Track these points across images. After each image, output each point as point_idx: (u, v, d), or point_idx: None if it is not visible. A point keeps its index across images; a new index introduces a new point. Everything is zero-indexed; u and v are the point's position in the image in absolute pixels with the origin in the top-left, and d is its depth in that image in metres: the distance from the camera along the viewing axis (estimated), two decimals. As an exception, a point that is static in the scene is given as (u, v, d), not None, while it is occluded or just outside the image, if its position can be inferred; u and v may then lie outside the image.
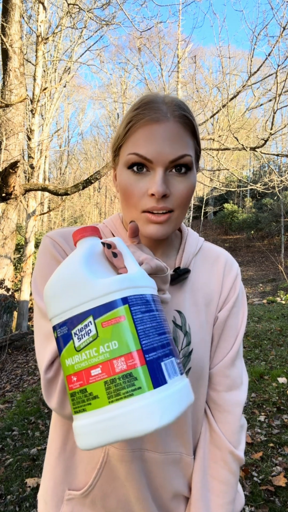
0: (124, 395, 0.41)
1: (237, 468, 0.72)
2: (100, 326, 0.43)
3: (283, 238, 20.99)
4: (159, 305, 0.49)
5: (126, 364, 0.42)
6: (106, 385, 0.42)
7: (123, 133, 0.66)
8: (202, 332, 0.73)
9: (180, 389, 0.45)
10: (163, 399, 0.42)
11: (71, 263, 0.48)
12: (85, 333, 0.44)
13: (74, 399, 0.45)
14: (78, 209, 23.04)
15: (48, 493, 0.72)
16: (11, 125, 6.15)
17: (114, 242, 0.52)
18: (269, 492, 2.21)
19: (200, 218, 27.18)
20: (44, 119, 10.12)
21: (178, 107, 0.64)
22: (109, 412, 0.42)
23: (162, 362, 0.44)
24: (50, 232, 0.70)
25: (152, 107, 0.63)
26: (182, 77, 11.51)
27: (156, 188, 0.61)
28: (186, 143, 0.64)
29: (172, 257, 0.77)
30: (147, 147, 0.62)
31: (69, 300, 0.46)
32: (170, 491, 0.71)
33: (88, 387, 0.43)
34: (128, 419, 0.41)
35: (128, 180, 0.65)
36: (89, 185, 6.22)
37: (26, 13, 8.79)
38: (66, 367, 0.46)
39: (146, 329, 0.44)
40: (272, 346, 5.21)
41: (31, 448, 2.89)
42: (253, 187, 7.37)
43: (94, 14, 7.18)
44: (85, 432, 0.44)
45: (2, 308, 5.89)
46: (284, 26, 5.39)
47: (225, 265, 0.78)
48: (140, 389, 0.41)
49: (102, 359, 0.43)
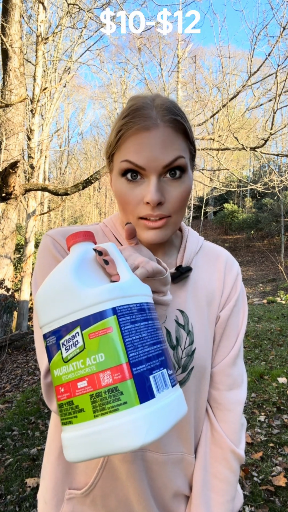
0: (109, 410, 0.40)
1: (238, 467, 0.73)
2: (87, 338, 0.42)
3: (283, 238, 20.99)
4: (153, 313, 0.48)
5: (112, 377, 0.40)
6: (91, 398, 0.41)
7: (114, 142, 0.65)
8: (205, 331, 0.73)
9: (170, 403, 0.43)
10: (150, 415, 0.40)
11: (62, 270, 0.47)
12: (72, 344, 0.43)
13: (61, 410, 0.44)
14: (78, 209, 23.05)
15: (48, 493, 0.72)
16: (11, 125, 6.15)
17: (106, 248, 0.51)
18: (269, 492, 2.21)
19: (200, 218, 27.18)
20: (44, 119, 10.12)
21: (168, 111, 0.63)
22: (94, 426, 0.41)
23: (151, 375, 0.43)
24: (50, 231, 0.70)
25: (141, 114, 0.61)
26: (182, 77, 11.52)
27: (150, 197, 0.61)
28: (178, 146, 0.63)
29: (173, 255, 0.77)
30: (138, 155, 0.61)
31: (58, 309, 0.45)
32: (171, 491, 0.71)
33: (75, 399, 0.42)
34: (112, 434, 0.39)
35: (123, 188, 0.64)
36: (89, 185, 6.22)
37: (26, 13, 8.79)
38: (54, 378, 0.45)
39: (134, 340, 0.42)
40: (272, 346, 5.21)
41: (31, 448, 2.89)
42: (253, 187, 7.36)
43: (94, 14, 7.18)
44: (71, 444, 0.43)
45: (2, 308, 5.89)
46: (284, 26, 5.38)
47: (226, 264, 0.78)
48: (126, 404, 0.39)
49: (88, 371, 0.41)
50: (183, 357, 0.69)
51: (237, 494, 0.74)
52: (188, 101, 10.13)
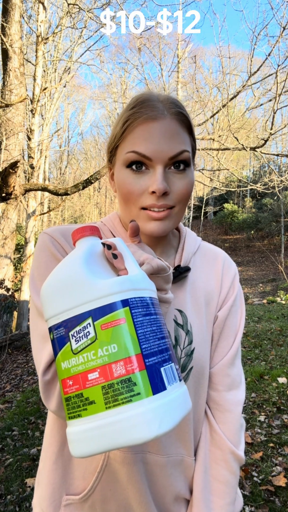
0: (122, 401, 0.39)
1: (238, 468, 0.72)
2: (99, 328, 0.42)
3: (283, 238, 20.99)
4: (159, 309, 0.48)
5: (125, 368, 0.40)
6: (103, 390, 0.40)
7: (120, 133, 0.66)
8: (203, 331, 0.73)
9: (179, 396, 0.43)
10: (162, 406, 0.40)
11: (70, 262, 0.47)
12: (83, 335, 0.43)
13: (69, 404, 0.44)
14: (78, 209, 23.05)
15: (45, 500, 0.69)
16: (11, 125, 6.15)
17: (115, 243, 0.51)
18: (269, 492, 2.21)
19: (200, 218, 27.18)
20: (44, 119, 10.11)
21: (174, 105, 0.64)
22: (106, 418, 0.40)
23: (162, 368, 0.43)
24: (48, 228, 0.69)
25: (148, 105, 0.63)
26: (182, 77, 11.52)
27: (157, 186, 0.61)
28: (183, 140, 0.64)
29: (171, 255, 0.77)
30: (145, 145, 0.62)
31: (67, 300, 0.44)
32: (171, 494, 0.70)
33: (85, 391, 0.42)
34: (125, 426, 0.39)
35: (127, 178, 0.64)
36: (89, 185, 6.22)
37: (26, 13, 8.79)
38: (61, 370, 0.45)
39: (146, 333, 0.42)
40: (272, 346, 5.21)
41: (31, 448, 2.89)
42: (253, 187, 7.36)
43: (94, 14, 7.18)
44: (79, 438, 0.42)
45: (2, 308, 5.89)
46: (284, 26, 5.38)
47: (224, 264, 0.79)
48: (139, 395, 0.39)
49: (100, 362, 0.41)
50: (182, 356, 0.69)
51: (237, 496, 0.74)
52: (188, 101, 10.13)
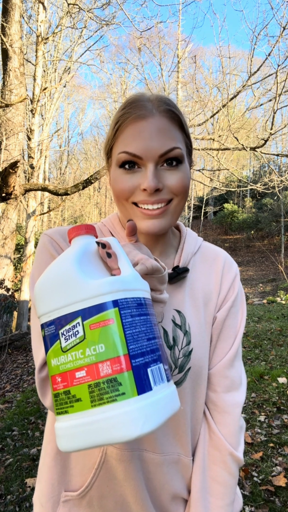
0: (107, 400, 0.40)
1: (237, 470, 0.72)
2: (88, 328, 0.42)
3: (283, 238, 20.99)
4: (151, 309, 0.49)
5: (112, 368, 0.41)
6: (90, 388, 0.41)
7: (112, 134, 0.67)
8: (202, 331, 0.72)
9: (165, 396, 0.44)
10: (147, 406, 0.41)
11: (63, 261, 0.47)
12: (72, 334, 0.43)
13: (57, 400, 0.45)
14: (78, 209, 23.05)
15: (44, 495, 0.71)
16: (11, 125, 6.15)
17: (109, 242, 0.51)
18: (269, 492, 2.21)
19: (200, 218, 27.18)
20: (44, 119, 10.11)
21: (163, 103, 0.65)
22: (91, 416, 0.41)
23: (149, 368, 0.43)
24: (48, 230, 0.70)
25: (137, 105, 0.64)
26: (182, 77, 11.52)
27: (147, 183, 0.61)
28: (174, 137, 0.64)
29: (171, 256, 0.77)
30: (135, 144, 0.62)
31: (59, 299, 0.45)
32: (168, 493, 0.70)
33: (72, 389, 0.43)
34: (109, 424, 0.40)
35: (119, 177, 0.65)
36: (89, 185, 6.22)
37: (26, 13, 8.79)
38: (51, 367, 0.45)
39: (134, 333, 0.43)
40: (272, 346, 5.21)
41: (31, 448, 2.89)
42: (253, 187, 7.36)
43: (94, 14, 7.18)
44: (65, 434, 0.43)
45: (2, 308, 5.89)
46: (284, 26, 5.39)
47: (224, 265, 0.78)
48: (124, 394, 0.40)
49: (87, 361, 0.42)
50: (180, 357, 0.69)
51: (236, 497, 0.74)
52: (188, 101, 10.12)
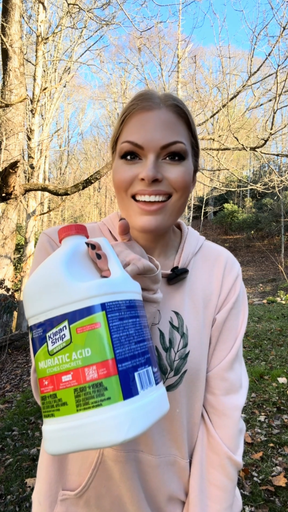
0: (92, 405, 0.40)
1: (235, 473, 0.71)
2: (74, 332, 0.42)
3: (283, 238, 20.99)
4: (141, 311, 0.48)
5: (97, 373, 0.40)
6: (75, 392, 0.41)
7: (119, 125, 0.67)
8: (200, 334, 0.71)
9: (152, 400, 0.43)
10: (133, 411, 0.40)
11: (52, 262, 0.46)
12: (59, 337, 0.43)
13: (44, 403, 0.44)
14: (78, 209, 23.03)
15: (42, 494, 0.71)
16: (11, 125, 6.15)
17: (99, 243, 0.50)
18: (269, 492, 2.21)
19: (200, 218, 27.17)
20: (44, 119, 10.11)
21: (171, 98, 0.65)
22: (76, 420, 0.40)
23: (136, 372, 0.43)
24: (47, 229, 0.70)
25: (145, 98, 0.64)
26: (182, 77, 11.52)
27: (146, 172, 0.60)
28: (178, 131, 0.64)
29: (171, 256, 0.75)
30: (138, 134, 0.62)
31: (46, 302, 0.44)
32: (165, 494, 0.70)
33: (58, 392, 0.42)
34: (94, 429, 0.39)
35: (120, 167, 0.65)
36: (89, 185, 6.22)
37: (26, 13, 8.78)
38: (39, 370, 0.45)
39: (122, 337, 0.42)
40: (272, 346, 5.21)
41: (31, 448, 2.89)
42: (253, 187, 7.36)
43: (94, 14, 7.18)
44: (51, 437, 0.43)
45: (2, 308, 5.89)
46: (284, 26, 5.38)
47: (226, 265, 0.76)
48: (110, 399, 0.39)
49: (73, 365, 0.41)
50: (176, 359, 0.68)
51: (235, 499, 0.73)
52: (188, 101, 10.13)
